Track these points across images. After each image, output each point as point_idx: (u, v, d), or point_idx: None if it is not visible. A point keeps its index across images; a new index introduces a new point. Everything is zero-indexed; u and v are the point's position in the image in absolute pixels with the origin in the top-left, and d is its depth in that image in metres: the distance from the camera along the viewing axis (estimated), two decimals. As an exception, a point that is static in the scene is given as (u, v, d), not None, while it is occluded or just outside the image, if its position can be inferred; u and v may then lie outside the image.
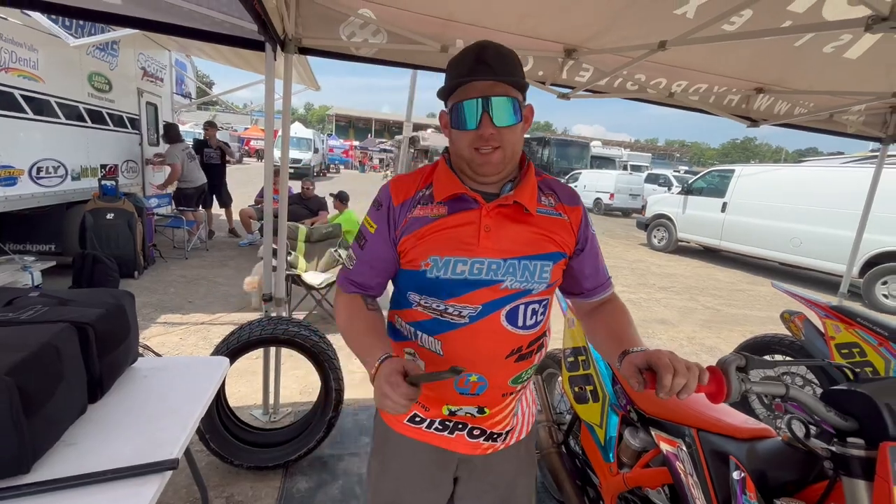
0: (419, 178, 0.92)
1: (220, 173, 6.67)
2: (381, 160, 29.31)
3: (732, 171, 8.36)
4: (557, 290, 1.96)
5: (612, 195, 15.41)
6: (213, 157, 6.56)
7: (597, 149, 24.65)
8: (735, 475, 0.83)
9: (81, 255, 3.90)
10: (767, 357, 2.46)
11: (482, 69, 0.78)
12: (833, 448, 0.72)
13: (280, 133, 2.93)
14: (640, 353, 0.76)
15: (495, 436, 0.95)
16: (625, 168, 21.80)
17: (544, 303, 0.91)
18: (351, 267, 0.95)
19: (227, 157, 6.72)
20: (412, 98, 6.55)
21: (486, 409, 0.92)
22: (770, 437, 0.94)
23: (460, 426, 0.94)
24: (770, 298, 6.12)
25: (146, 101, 6.03)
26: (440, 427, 0.95)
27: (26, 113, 3.78)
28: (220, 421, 1.96)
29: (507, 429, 0.96)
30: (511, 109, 0.79)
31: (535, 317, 0.89)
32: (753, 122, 2.91)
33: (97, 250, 4.09)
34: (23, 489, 0.90)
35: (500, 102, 0.78)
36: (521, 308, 0.86)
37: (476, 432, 0.94)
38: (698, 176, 9.42)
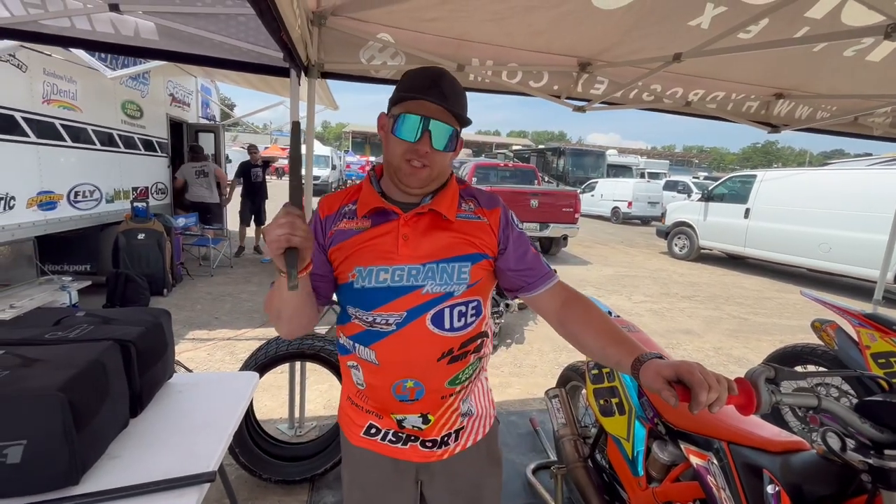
0: (345, 194, 0.99)
1: (263, 192, 6.96)
2: (397, 175, 29.60)
3: (755, 176, 8.19)
4: None
5: (629, 203, 15.23)
6: (258, 177, 6.85)
7: (613, 157, 24.48)
8: (769, 489, 0.82)
9: (115, 274, 4.07)
10: (799, 368, 2.39)
11: (436, 93, 0.83)
12: (871, 461, 0.71)
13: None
14: (668, 366, 0.70)
15: (446, 437, 0.98)
16: (642, 176, 21.56)
17: (473, 304, 0.93)
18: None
19: (261, 174, 7.02)
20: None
21: (430, 417, 0.95)
22: (804, 449, 0.92)
23: (412, 438, 0.98)
24: (799, 307, 5.92)
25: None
26: (393, 439, 0.99)
27: (65, 141, 4.00)
28: (248, 435, 2.01)
29: (457, 427, 0.99)
30: (449, 137, 0.86)
31: (462, 318, 0.92)
32: (774, 128, 2.87)
33: (129, 269, 4.26)
34: (74, 499, 0.95)
35: (442, 128, 0.85)
36: (447, 311, 0.90)
37: (428, 443, 0.98)
38: (719, 182, 9.24)
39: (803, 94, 2.63)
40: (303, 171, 2.49)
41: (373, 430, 1.00)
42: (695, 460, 1.06)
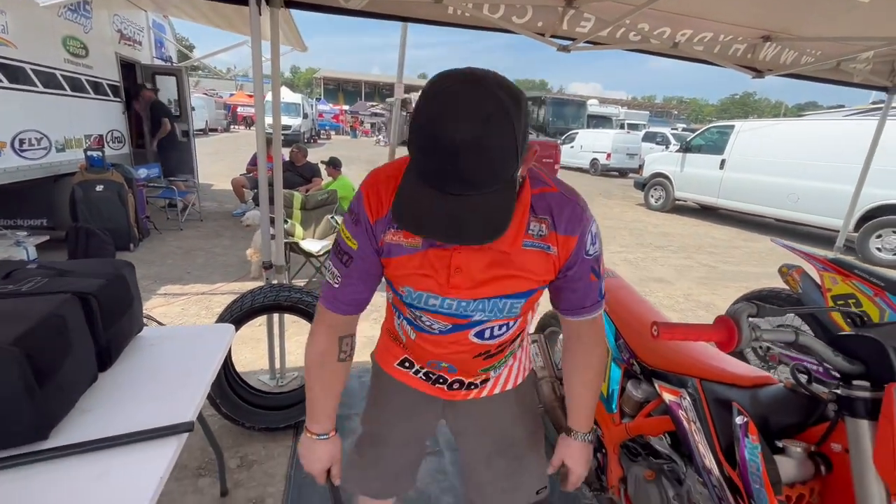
0: (393, 185, 0.74)
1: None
2: (372, 124, 28.55)
3: (732, 127, 8.23)
4: None
5: (608, 155, 15.21)
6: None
7: (594, 107, 24.10)
8: (738, 420, 0.86)
9: (74, 228, 3.84)
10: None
11: (455, 181, 0.59)
12: (839, 391, 0.74)
13: (268, 98, 2.82)
14: (562, 455, 0.96)
15: (472, 385, 1.00)
16: (622, 127, 21.41)
17: (517, 319, 0.90)
18: (337, 285, 0.86)
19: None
20: (403, 58, 6.30)
21: (463, 381, 1.00)
22: (772, 384, 0.96)
23: (441, 380, 1.00)
24: (766, 254, 6.18)
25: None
26: (424, 377, 1.01)
27: (2, 81, 3.61)
28: (229, 386, 2.00)
29: (484, 378, 1.01)
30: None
31: (504, 328, 0.90)
32: (759, 73, 2.82)
33: (89, 223, 4.02)
34: (44, 454, 0.91)
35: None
36: (490, 328, 0.89)
37: (455, 385, 1.00)
38: (697, 133, 9.27)
39: (790, 36, 2.57)
40: (269, 120, 2.32)
41: (406, 364, 1.02)
42: (667, 396, 1.10)
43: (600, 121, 21.97)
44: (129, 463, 0.93)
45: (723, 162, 8.11)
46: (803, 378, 0.83)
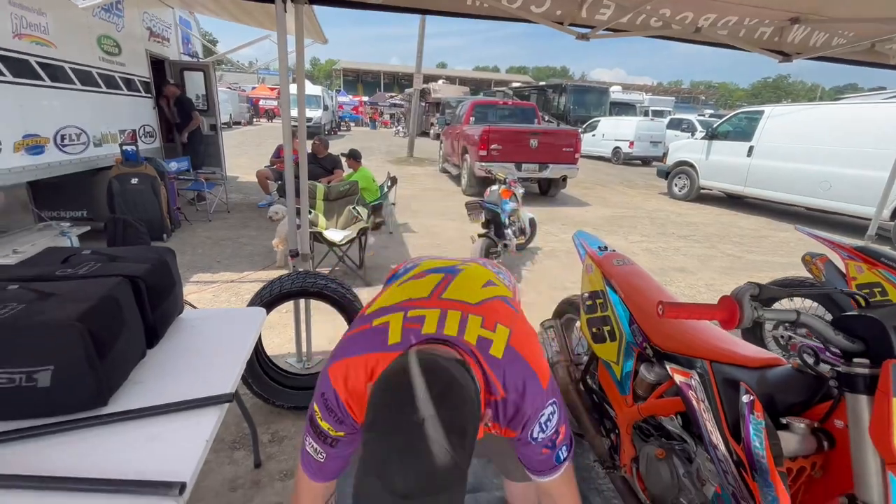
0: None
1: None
2: (391, 115, 28.61)
3: (761, 113, 7.93)
4: (575, 238, 1.97)
5: (631, 143, 14.86)
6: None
7: (616, 94, 23.49)
8: (744, 398, 0.89)
9: (113, 219, 4.05)
10: (786, 300, 2.47)
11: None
12: (839, 368, 0.77)
13: (292, 91, 2.90)
14: None
15: None
16: (646, 114, 20.82)
17: None
18: (322, 460, 0.90)
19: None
20: (421, 48, 6.31)
21: None
22: (780, 365, 0.99)
23: None
24: (794, 244, 6.00)
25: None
26: None
27: (44, 80, 3.81)
28: (260, 367, 2.12)
29: None
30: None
31: None
32: (786, 57, 2.74)
33: (126, 215, 4.24)
34: (104, 418, 1.03)
35: None
36: None
37: None
38: (724, 119, 8.97)
39: (821, 18, 2.48)
40: (294, 113, 2.40)
41: None
42: (678, 378, 1.14)
43: (623, 108, 21.39)
44: (177, 428, 1.03)
45: (751, 149, 7.84)
46: (810, 360, 0.86)
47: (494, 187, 4.46)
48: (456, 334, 0.78)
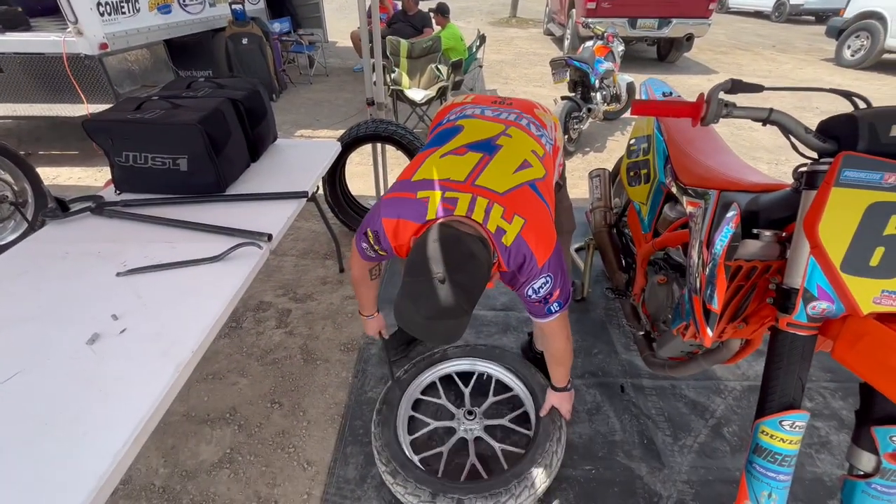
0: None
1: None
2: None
3: None
4: (643, 84, 1.87)
5: (804, -10, 11.40)
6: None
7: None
8: (729, 214, 0.95)
9: (232, 78, 4.60)
10: None
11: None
12: (804, 168, 0.78)
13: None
14: (550, 399, 1.36)
15: None
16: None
17: None
18: (368, 253, 1.15)
19: None
20: None
21: None
22: (783, 188, 0.99)
23: None
24: None
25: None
26: None
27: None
28: (343, 201, 2.55)
29: None
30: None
31: None
32: None
33: (242, 75, 4.75)
34: (223, 197, 1.45)
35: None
36: None
37: None
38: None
39: None
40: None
41: None
42: (689, 209, 1.20)
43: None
44: (271, 209, 1.42)
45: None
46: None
47: (589, 43, 4.02)
48: (481, 221, 0.97)
